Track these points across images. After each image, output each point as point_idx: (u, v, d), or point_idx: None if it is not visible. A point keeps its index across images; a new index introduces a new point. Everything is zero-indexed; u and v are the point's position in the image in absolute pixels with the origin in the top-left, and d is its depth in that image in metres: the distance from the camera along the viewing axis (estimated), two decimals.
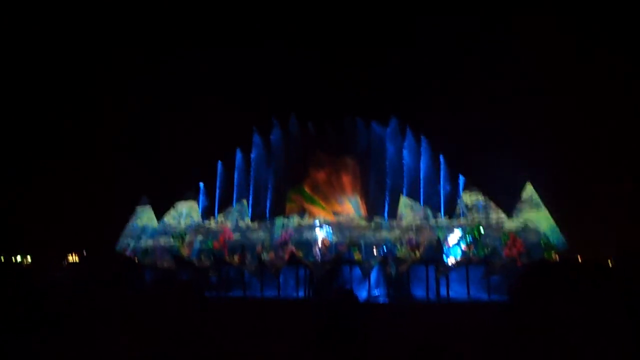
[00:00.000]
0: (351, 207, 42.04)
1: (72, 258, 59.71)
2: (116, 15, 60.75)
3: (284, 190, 42.83)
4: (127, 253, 39.33)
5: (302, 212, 40.24)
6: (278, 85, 56.01)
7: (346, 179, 42.80)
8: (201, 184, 42.77)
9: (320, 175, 42.86)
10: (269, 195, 42.42)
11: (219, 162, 43.76)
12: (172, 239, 39.10)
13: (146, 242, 39.52)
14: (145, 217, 40.62)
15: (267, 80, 55.97)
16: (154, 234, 39.72)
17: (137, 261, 39.55)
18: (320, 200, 41.66)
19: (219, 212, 41.29)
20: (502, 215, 37.48)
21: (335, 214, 39.37)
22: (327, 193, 42.70)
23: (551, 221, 36.43)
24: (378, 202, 42.32)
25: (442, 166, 41.21)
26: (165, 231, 39.64)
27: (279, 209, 41.89)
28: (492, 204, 37.81)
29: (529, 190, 37.61)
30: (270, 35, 62.30)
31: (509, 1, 61.11)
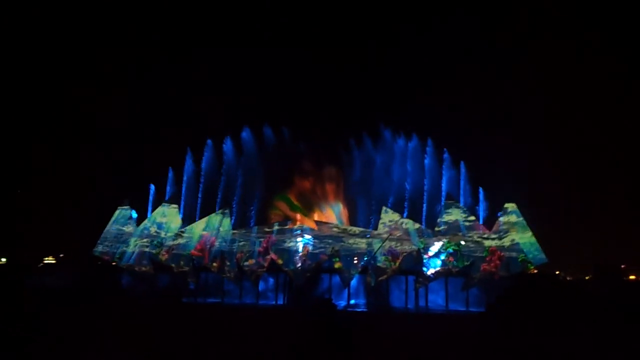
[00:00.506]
0: (333, 214, 42.15)
1: (49, 260, 58.79)
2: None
3: (266, 198, 42.60)
4: (105, 257, 38.76)
5: (285, 220, 40.13)
6: (264, 91, 56.12)
7: (330, 188, 42.99)
8: (152, 186, 41.93)
9: (305, 184, 42.98)
10: (255, 203, 42.06)
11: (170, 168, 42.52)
12: (150, 243, 38.56)
13: (124, 246, 38.91)
14: (124, 220, 40.01)
15: (252, 83, 56.03)
16: (133, 237, 39.13)
17: (114, 265, 39.07)
18: (303, 209, 41.68)
19: (199, 219, 40.76)
20: (483, 229, 37.65)
21: (318, 222, 39.29)
22: (311, 201, 42.77)
23: (532, 237, 36.74)
24: (360, 212, 42.39)
25: (427, 175, 41.26)
26: (143, 235, 39.07)
27: (262, 217, 41.71)
28: (473, 219, 37.99)
29: (511, 206, 37.92)
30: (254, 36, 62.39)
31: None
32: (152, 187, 41.77)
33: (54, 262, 56.58)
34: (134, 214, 40.41)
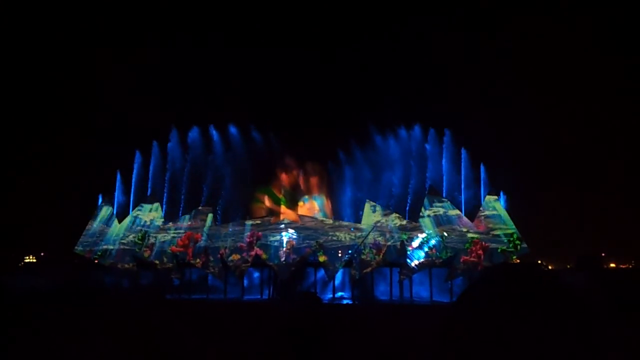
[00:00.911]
0: (316, 205, 42.13)
1: (29, 259, 57.92)
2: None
3: (249, 192, 42.42)
4: (86, 255, 38.28)
5: (268, 213, 40.04)
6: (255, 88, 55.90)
7: (313, 181, 43.09)
8: (118, 173, 41.39)
9: (288, 178, 42.90)
10: (237, 199, 41.82)
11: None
12: (133, 240, 38.20)
13: (106, 243, 38.49)
14: (106, 218, 39.56)
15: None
16: (115, 235, 38.71)
17: (97, 263, 38.58)
18: (287, 201, 41.52)
19: (183, 215, 40.41)
20: (466, 220, 37.92)
21: (301, 216, 39.25)
22: (294, 195, 42.66)
23: (513, 227, 37.15)
24: (343, 206, 42.44)
25: (414, 171, 41.40)
26: (126, 232, 38.66)
27: (245, 211, 41.52)
28: (457, 210, 38.24)
29: (492, 198, 38.28)
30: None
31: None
32: (118, 174, 41.19)
33: (34, 261, 55.78)
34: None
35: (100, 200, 40.61)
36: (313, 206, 42.07)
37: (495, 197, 38.33)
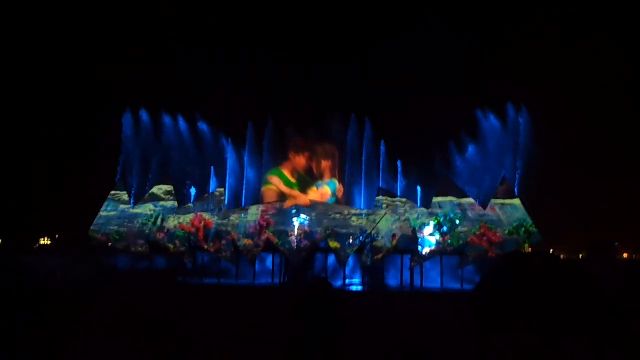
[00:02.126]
0: (329, 189, 41.56)
1: (44, 241, 58.77)
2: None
3: (259, 176, 42.36)
4: (101, 238, 38.66)
5: (279, 197, 39.96)
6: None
7: (325, 164, 42.25)
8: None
9: (299, 160, 42.23)
10: (244, 183, 41.86)
11: None
12: (146, 223, 38.42)
13: (119, 225, 38.82)
14: (120, 200, 39.89)
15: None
16: (128, 217, 39.02)
17: (110, 246, 38.98)
18: (298, 185, 41.34)
19: (196, 200, 40.63)
20: (479, 208, 37.78)
21: (313, 202, 39.11)
22: (306, 178, 42.35)
23: (526, 215, 36.94)
24: (355, 192, 42.23)
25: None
26: (139, 215, 38.95)
27: (255, 196, 41.61)
28: (468, 199, 38.09)
29: (505, 185, 38.05)
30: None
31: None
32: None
33: (49, 243, 56.64)
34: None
35: (116, 181, 40.83)
36: (326, 191, 41.45)
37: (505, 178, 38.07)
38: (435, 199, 38.15)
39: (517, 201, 37.48)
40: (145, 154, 40.90)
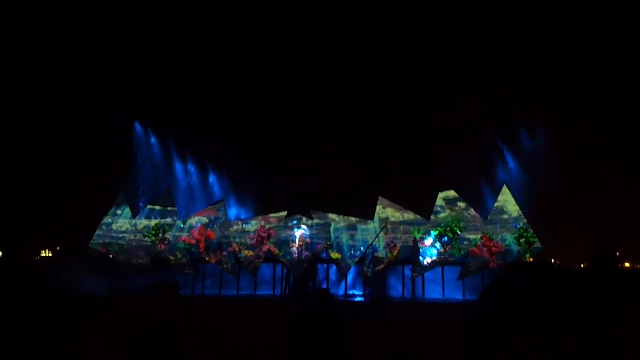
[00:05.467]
0: None
1: (45, 253, 58.60)
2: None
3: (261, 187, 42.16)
4: (102, 250, 38.61)
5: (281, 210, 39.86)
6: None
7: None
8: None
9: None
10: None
11: None
12: (147, 235, 38.45)
13: (121, 238, 38.85)
14: (122, 213, 39.92)
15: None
16: (129, 230, 39.08)
17: (112, 258, 38.92)
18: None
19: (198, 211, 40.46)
20: (479, 217, 37.70)
21: (314, 213, 39.05)
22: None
23: (528, 225, 36.86)
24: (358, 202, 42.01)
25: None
26: (140, 227, 38.99)
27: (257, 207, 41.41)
28: (469, 207, 38.04)
29: (505, 194, 37.99)
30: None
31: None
32: None
33: (50, 255, 56.46)
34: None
35: (118, 195, 40.76)
36: None
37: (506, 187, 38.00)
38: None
39: (515, 207, 37.40)
40: (147, 167, 40.89)
